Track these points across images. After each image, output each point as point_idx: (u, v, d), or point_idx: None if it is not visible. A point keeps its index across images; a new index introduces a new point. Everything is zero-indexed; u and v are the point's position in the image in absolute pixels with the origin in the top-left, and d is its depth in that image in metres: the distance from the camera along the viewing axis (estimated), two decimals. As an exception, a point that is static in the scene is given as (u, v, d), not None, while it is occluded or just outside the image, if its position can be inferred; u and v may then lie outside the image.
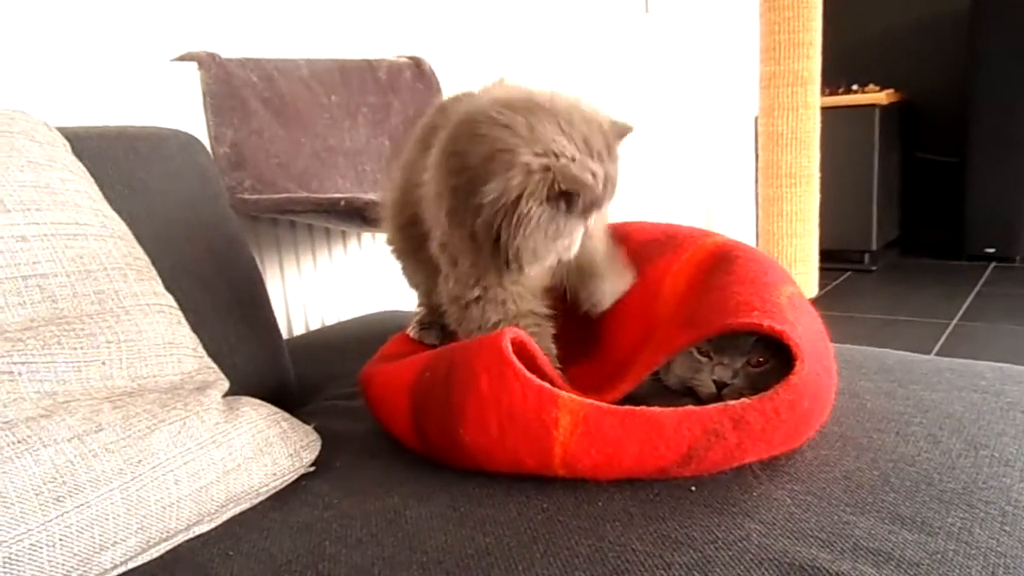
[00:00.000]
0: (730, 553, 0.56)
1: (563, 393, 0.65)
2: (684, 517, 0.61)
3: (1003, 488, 0.63)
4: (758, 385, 0.66)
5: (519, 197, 0.69)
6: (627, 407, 0.65)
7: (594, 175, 0.71)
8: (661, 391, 0.74)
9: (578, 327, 0.88)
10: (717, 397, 0.70)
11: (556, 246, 0.74)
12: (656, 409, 0.65)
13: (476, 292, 0.79)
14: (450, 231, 0.77)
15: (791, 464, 0.68)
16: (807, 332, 0.69)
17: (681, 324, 0.74)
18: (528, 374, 0.66)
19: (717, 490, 0.65)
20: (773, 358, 0.70)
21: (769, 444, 0.66)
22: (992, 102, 3.53)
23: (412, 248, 0.91)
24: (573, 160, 0.70)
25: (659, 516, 0.62)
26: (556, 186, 0.69)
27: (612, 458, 0.64)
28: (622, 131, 0.76)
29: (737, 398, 0.65)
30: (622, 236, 0.93)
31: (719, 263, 0.79)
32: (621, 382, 0.74)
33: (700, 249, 0.83)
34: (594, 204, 0.73)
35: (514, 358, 0.67)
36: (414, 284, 1.00)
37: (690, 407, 0.65)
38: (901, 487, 0.64)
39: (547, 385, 0.66)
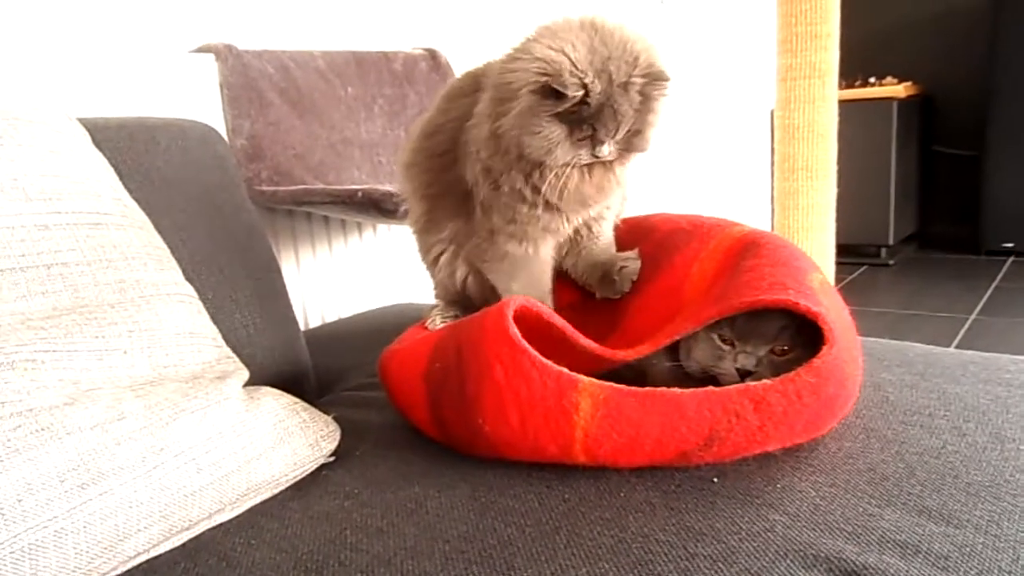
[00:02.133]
0: (754, 544, 0.56)
1: (582, 377, 0.65)
2: (707, 508, 0.61)
3: (1031, 481, 0.63)
4: (782, 374, 0.66)
5: (521, 85, 0.75)
6: (647, 389, 0.65)
7: (583, 85, 0.73)
8: (682, 378, 0.74)
9: (605, 313, 0.88)
10: None
11: (533, 141, 0.76)
12: (677, 391, 0.64)
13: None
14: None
15: (814, 456, 0.68)
16: (837, 319, 0.68)
17: (712, 301, 0.73)
18: (544, 360, 0.65)
19: (740, 481, 0.64)
20: (798, 346, 0.69)
21: (791, 429, 0.65)
22: (1011, 95, 3.48)
23: (443, 190, 0.91)
24: (573, 63, 0.73)
25: (682, 507, 0.61)
26: (543, 78, 0.73)
27: (633, 441, 0.64)
28: (654, 75, 0.76)
29: None
30: (648, 228, 0.93)
31: (748, 249, 0.79)
32: (641, 345, 0.73)
33: (728, 237, 0.83)
34: (577, 118, 0.75)
35: (526, 345, 0.66)
36: (433, 256, 0.97)
37: (711, 388, 0.64)
38: (927, 479, 0.63)
39: (565, 370, 0.65)
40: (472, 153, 0.84)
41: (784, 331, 0.69)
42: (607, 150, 0.77)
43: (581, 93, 0.73)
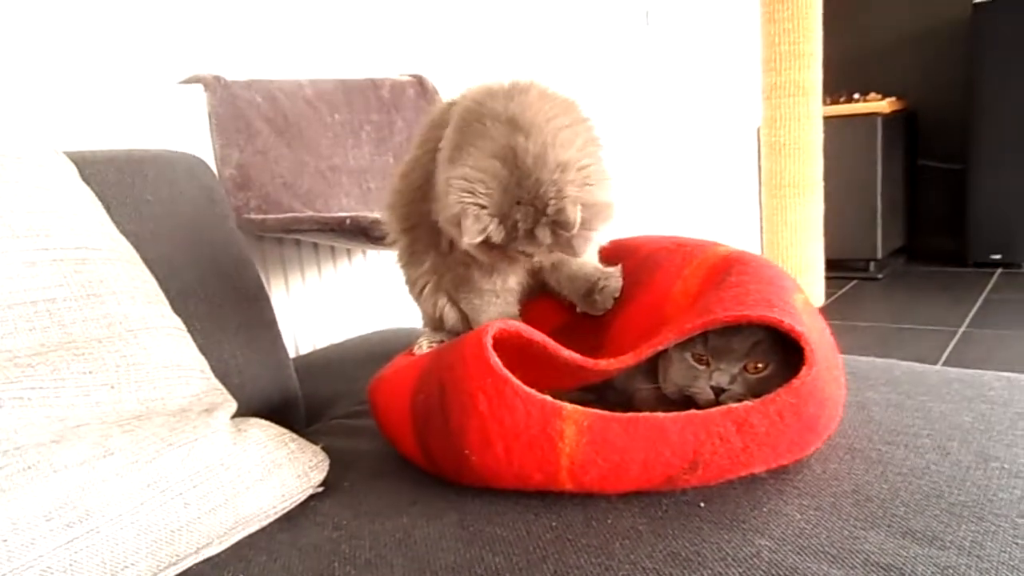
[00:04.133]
0: (740, 570, 0.56)
1: (566, 404, 0.65)
2: (693, 534, 0.61)
3: (1014, 500, 0.63)
4: (757, 391, 0.66)
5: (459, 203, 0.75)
6: (630, 414, 0.65)
7: (485, 231, 0.74)
8: (667, 402, 0.74)
9: (588, 333, 0.88)
10: (715, 404, 0.69)
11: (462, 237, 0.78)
12: (660, 415, 0.65)
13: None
14: None
15: (799, 477, 0.68)
16: (819, 340, 0.69)
17: (696, 315, 0.73)
18: (527, 389, 0.66)
19: (726, 506, 0.64)
20: (772, 363, 0.70)
21: (775, 450, 0.66)
22: (995, 108, 3.53)
23: (420, 221, 0.92)
24: (480, 208, 0.74)
25: (668, 533, 0.61)
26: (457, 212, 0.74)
27: (619, 467, 0.64)
28: (559, 224, 0.74)
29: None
30: (632, 247, 0.94)
31: (732, 267, 0.79)
32: (624, 355, 0.73)
33: (712, 255, 0.83)
34: (484, 251, 0.77)
35: (508, 374, 0.66)
36: (418, 289, 0.98)
37: (693, 411, 0.65)
38: (911, 501, 0.64)
39: (548, 398, 0.66)
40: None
41: (757, 347, 0.70)
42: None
43: (481, 239, 0.74)
